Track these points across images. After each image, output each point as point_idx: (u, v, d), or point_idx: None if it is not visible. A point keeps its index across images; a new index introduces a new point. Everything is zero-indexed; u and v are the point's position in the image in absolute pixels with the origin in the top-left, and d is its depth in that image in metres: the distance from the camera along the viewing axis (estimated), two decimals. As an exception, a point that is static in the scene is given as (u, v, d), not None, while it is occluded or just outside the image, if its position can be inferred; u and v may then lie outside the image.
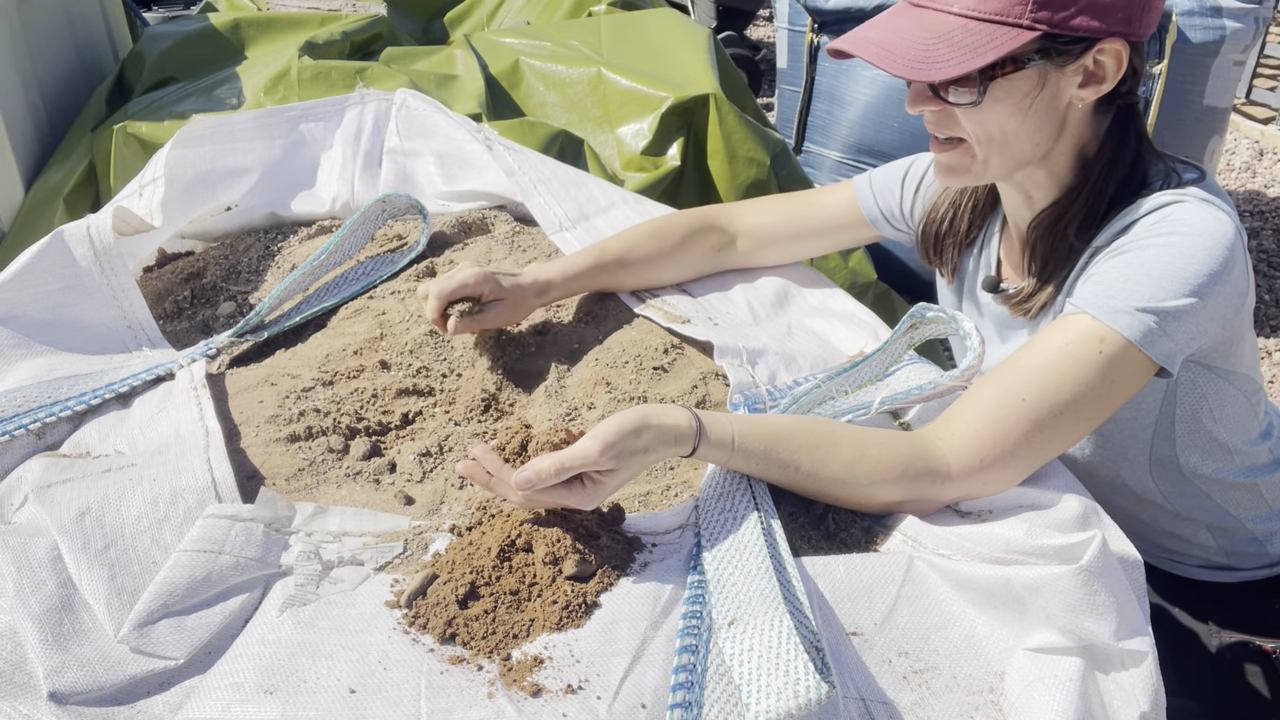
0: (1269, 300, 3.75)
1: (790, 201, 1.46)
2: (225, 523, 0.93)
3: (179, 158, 1.58)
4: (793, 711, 0.74)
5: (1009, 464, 0.99)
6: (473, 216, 1.60)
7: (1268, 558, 1.26)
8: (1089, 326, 1.00)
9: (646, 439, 0.92)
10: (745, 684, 0.78)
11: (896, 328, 1.17)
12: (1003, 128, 1.06)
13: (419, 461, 1.11)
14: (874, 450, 0.98)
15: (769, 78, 5.49)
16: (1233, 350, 1.12)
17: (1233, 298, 1.02)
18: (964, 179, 1.13)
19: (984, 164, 1.09)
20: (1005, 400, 1.00)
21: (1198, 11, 3.11)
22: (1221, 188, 1.12)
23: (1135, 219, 1.05)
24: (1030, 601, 0.86)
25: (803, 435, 0.99)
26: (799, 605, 0.85)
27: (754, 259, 1.47)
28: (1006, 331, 1.24)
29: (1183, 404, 1.16)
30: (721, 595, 0.87)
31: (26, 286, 1.28)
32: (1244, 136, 5.08)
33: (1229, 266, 1.00)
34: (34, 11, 2.23)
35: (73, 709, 0.77)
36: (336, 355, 1.28)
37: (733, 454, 0.96)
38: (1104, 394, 1.00)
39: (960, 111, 1.06)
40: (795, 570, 0.89)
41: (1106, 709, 0.83)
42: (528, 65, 2.28)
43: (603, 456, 0.88)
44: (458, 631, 0.85)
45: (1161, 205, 1.05)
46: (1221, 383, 1.15)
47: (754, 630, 0.81)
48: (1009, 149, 1.08)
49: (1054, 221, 1.13)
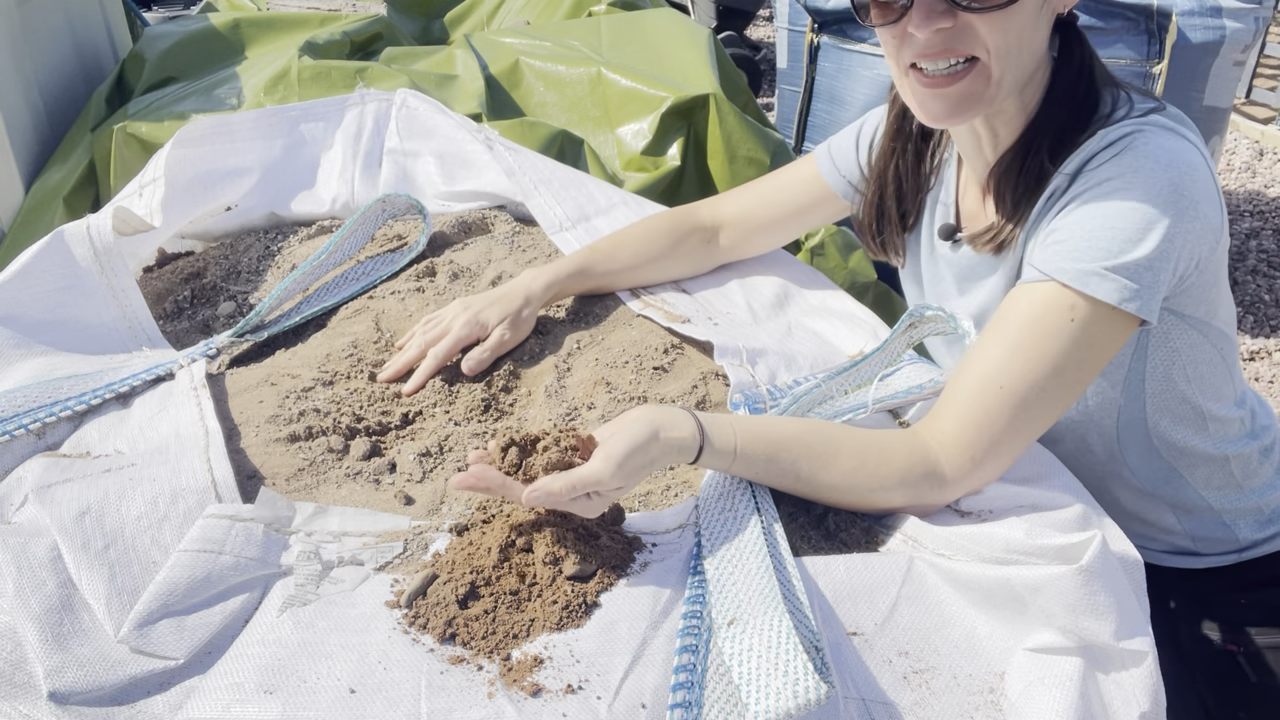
0: (1269, 300, 3.75)
1: (760, 189, 1.43)
2: (225, 523, 0.93)
3: (179, 158, 1.58)
4: (792, 711, 0.74)
5: (1000, 452, 0.99)
6: (473, 216, 1.60)
7: (1235, 543, 1.23)
8: (1056, 295, 0.97)
9: (654, 452, 0.92)
10: (745, 684, 0.78)
11: (895, 327, 1.17)
12: (1020, 35, 0.99)
13: (419, 461, 1.11)
14: (874, 457, 0.98)
15: (769, 78, 5.49)
16: (1207, 296, 1.07)
17: (1205, 234, 0.98)
18: (975, 108, 1.04)
19: (998, 84, 1.02)
20: (984, 390, 0.98)
21: (1198, 11, 3.11)
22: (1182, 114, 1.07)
23: (1096, 152, 1.01)
24: (1030, 601, 0.86)
25: (804, 443, 0.98)
26: (799, 605, 0.85)
27: (740, 251, 1.46)
28: (966, 284, 1.20)
29: (1154, 359, 1.11)
30: (721, 595, 0.87)
31: (26, 286, 1.28)
32: (1244, 136, 5.08)
33: (1197, 200, 0.96)
34: (34, 11, 2.23)
35: (73, 709, 0.77)
36: (336, 355, 1.28)
37: (735, 461, 0.96)
38: (1084, 359, 0.97)
39: (986, 20, 0.97)
40: (795, 571, 0.89)
41: (1107, 709, 0.83)
42: (528, 65, 2.28)
43: (615, 478, 0.88)
44: (458, 631, 0.85)
45: (1123, 135, 1.00)
46: (1195, 335, 1.10)
47: (754, 630, 0.81)
48: (1022, 61, 1.02)
49: (1023, 151, 1.07)
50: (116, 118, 2.12)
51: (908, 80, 1.05)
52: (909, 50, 1.02)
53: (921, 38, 0.99)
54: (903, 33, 1.01)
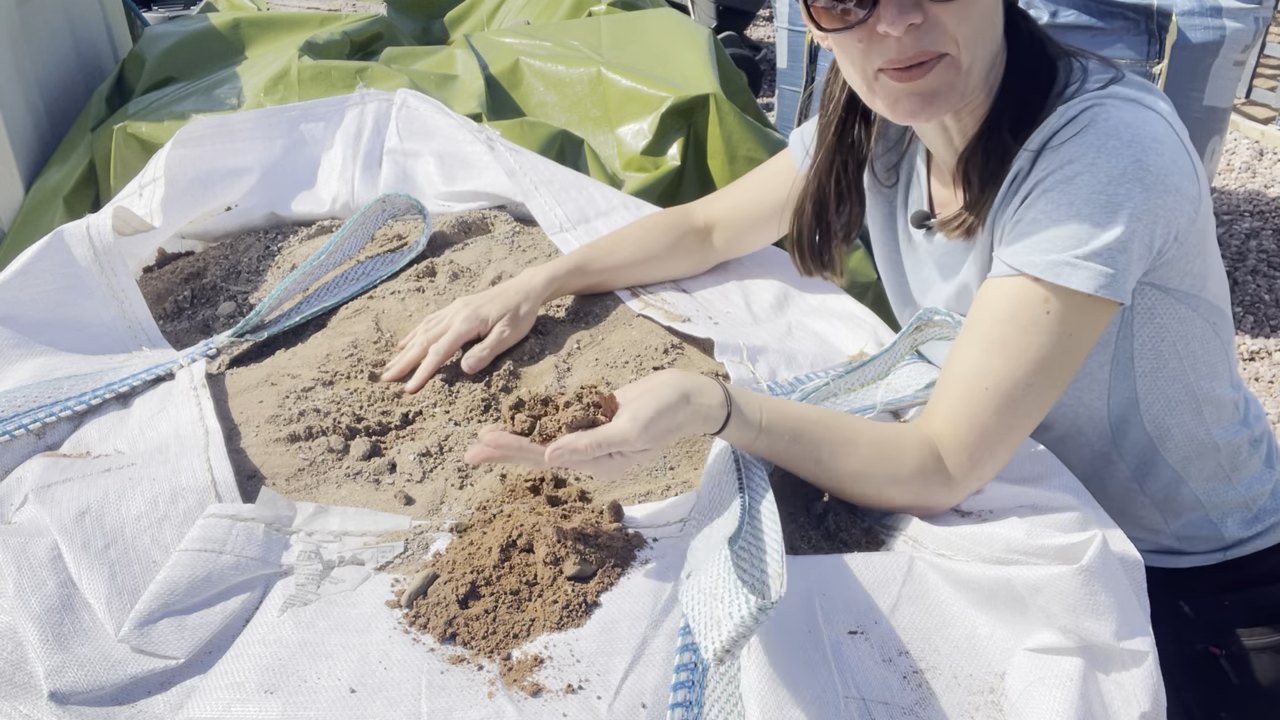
0: (1269, 300, 3.75)
1: (746, 185, 1.42)
2: (226, 522, 0.93)
3: (179, 158, 1.58)
4: (734, 634, 0.74)
5: (996, 449, 0.98)
6: (473, 216, 1.60)
7: (1220, 541, 1.21)
8: (1029, 289, 0.96)
9: (681, 416, 0.91)
10: (697, 627, 0.78)
11: (903, 330, 1.17)
12: (984, 21, 0.98)
13: (419, 461, 1.11)
14: (892, 448, 0.98)
15: (769, 78, 5.49)
16: (1192, 269, 1.04)
17: (1180, 205, 0.96)
18: (947, 101, 1.01)
19: (968, 73, 1.00)
20: (971, 393, 0.98)
21: (1198, 11, 3.12)
22: (1146, 81, 1.05)
23: (1057, 129, 0.99)
24: (1031, 601, 0.86)
25: (825, 427, 0.98)
26: (759, 541, 0.85)
27: (735, 249, 1.46)
28: (947, 270, 1.18)
29: (1141, 335, 1.08)
30: (690, 555, 0.87)
31: (26, 286, 1.28)
32: (1244, 136, 5.08)
33: (1164, 173, 0.94)
34: (34, 11, 2.23)
35: (73, 709, 0.77)
36: (336, 355, 1.28)
37: (759, 435, 0.95)
38: (1066, 350, 0.97)
39: (954, 10, 0.95)
40: (776, 528, 0.87)
41: (1107, 709, 0.83)
42: (528, 65, 2.28)
43: (641, 439, 0.88)
44: (458, 631, 0.85)
45: (1084, 110, 0.98)
46: (1183, 309, 1.07)
47: (701, 574, 0.82)
48: (988, 48, 1.00)
49: (987, 131, 1.05)
50: (116, 118, 2.12)
51: (878, 84, 1.02)
52: (878, 55, 0.99)
53: (895, 34, 0.96)
54: (869, 35, 0.98)
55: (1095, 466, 1.19)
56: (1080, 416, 1.16)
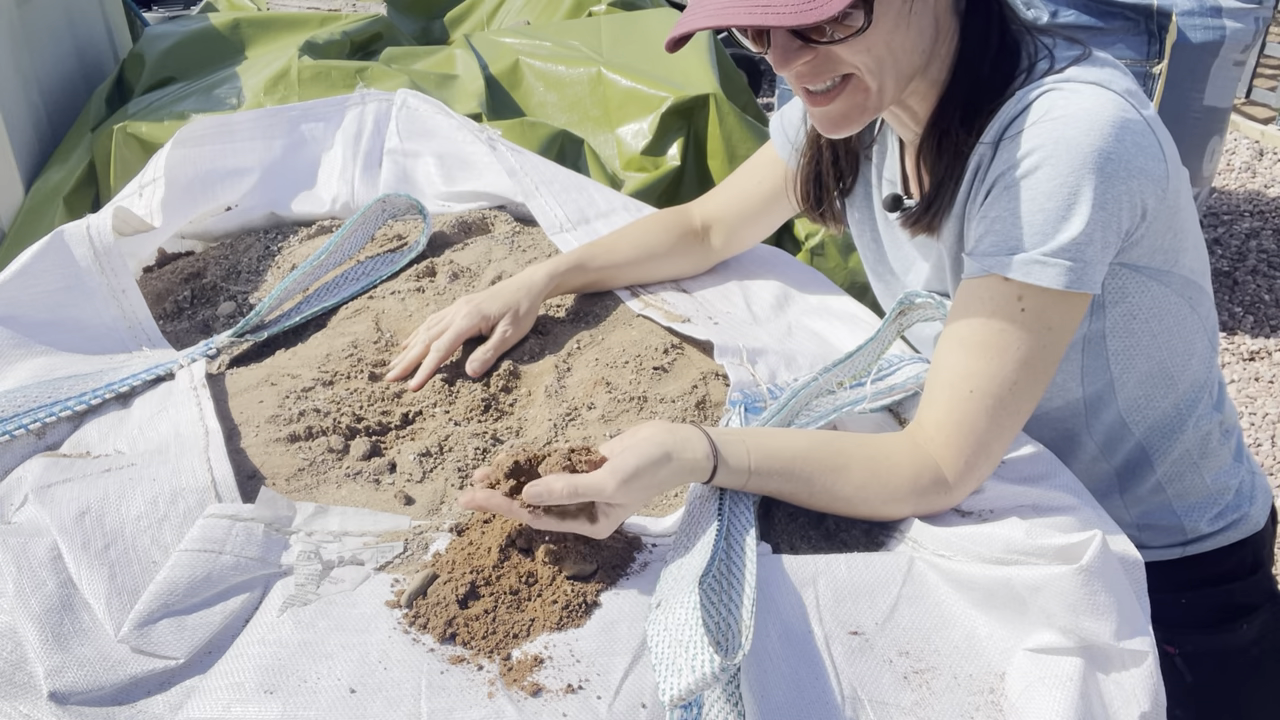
0: (1269, 300, 3.75)
1: (736, 181, 1.42)
2: (225, 522, 0.93)
3: (179, 158, 1.58)
4: (692, 686, 0.74)
5: (991, 449, 0.99)
6: (473, 216, 1.60)
7: (1181, 534, 1.20)
8: (1002, 289, 0.96)
9: (663, 474, 0.91)
10: (658, 664, 0.78)
11: (886, 316, 1.17)
12: (890, 44, 0.96)
13: (419, 461, 1.11)
14: (884, 468, 0.98)
15: (769, 78, 5.49)
16: (1162, 244, 1.03)
17: (1146, 185, 0.95)
18: (862, 118, 1.02)
19: (879, 93, 0.99)
20: (957, 397, 0.98)
21: (1198, 11, 3.12)
22: (1111, 58, 1.03)
23: (1014, 116, 0.98)
24: (1030, 601, 0.86)
25: (816, 457, 0.97)
26: (733, 586, 0.85)
27: (732, 247, 1.46)
28: (926, 249, 1.17)
29: (1112, 315, 1.07)
30: (661, 581, 0.87)
31: (26, 286, 1.28)
32: (1244, 136, 5.08)
33: (1127, 158, 0.93)
34: (34, 11, 2.23)
35: (73, 709, 0.77)
36: (336, 355, 1.28)
37: (750, 478, 0.96)
38: (1046, 344, 0.97)
39: (846, 46, 0.95)
40: (752, 562, 0.88)
41: (1107, 709, 0.83)
42: (528, 65, 2.28)
43: (618, 492, 0.87)
44: (458, 631, 0.85)
45: (1040, 95, 0.97)
46: (1156, 286, 1.06)
47: (668, 610, 0.82)
48: (899, 65, 0.98)
49: (939, 123, 1.04)
50: (116, 118, 2.12)
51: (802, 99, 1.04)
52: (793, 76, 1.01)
53: (787, 75, 0.99)
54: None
55: (1061, 446, 1.17)
56: (1054, 397, 1.15)
